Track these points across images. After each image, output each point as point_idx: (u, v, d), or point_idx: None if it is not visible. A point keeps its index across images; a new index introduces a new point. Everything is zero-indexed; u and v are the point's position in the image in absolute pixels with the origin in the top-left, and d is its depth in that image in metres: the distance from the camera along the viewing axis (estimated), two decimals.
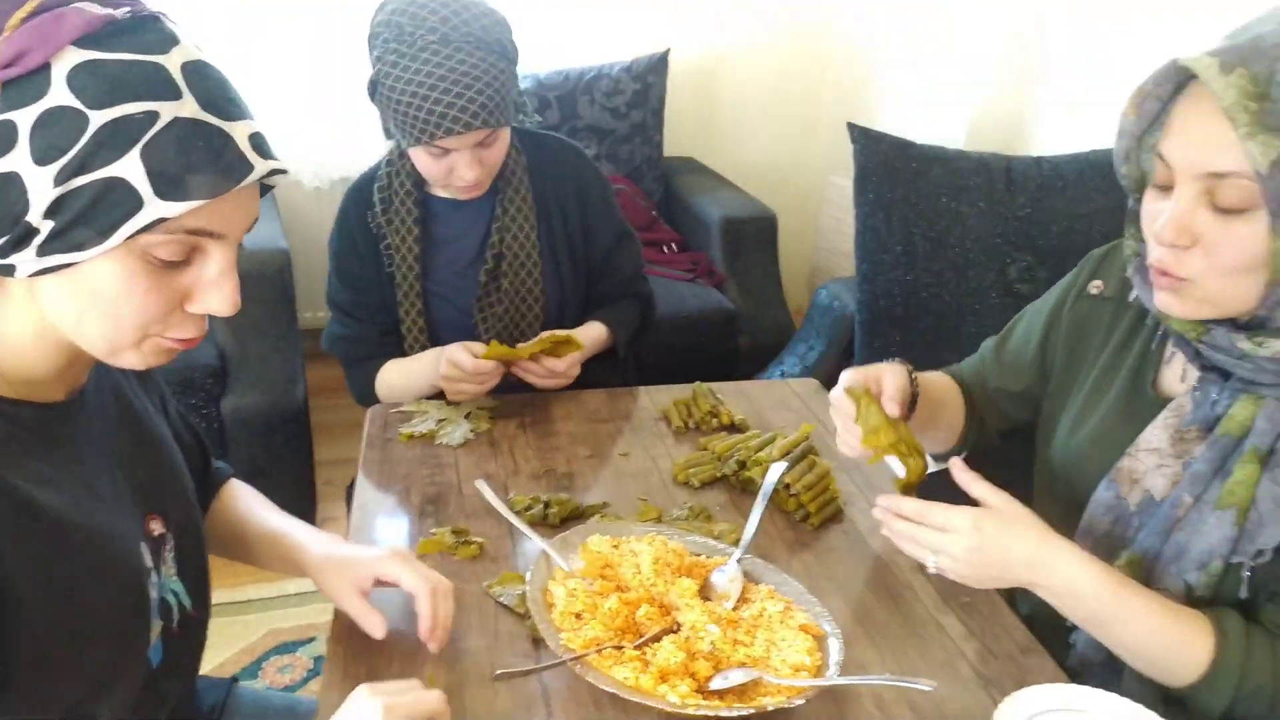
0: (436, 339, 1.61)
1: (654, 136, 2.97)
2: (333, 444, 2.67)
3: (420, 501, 1.28)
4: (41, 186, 0.69)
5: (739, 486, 1.31)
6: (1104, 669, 1.02)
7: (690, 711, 0.86)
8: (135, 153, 0.70)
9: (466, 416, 1.48)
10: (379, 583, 1.02)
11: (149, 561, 0.89)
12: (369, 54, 1.46)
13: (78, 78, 0.69)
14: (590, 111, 2.90)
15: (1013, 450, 1.29)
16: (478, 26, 1.40)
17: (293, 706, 1.20)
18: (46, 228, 0.70)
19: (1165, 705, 0.98)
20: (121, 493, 0.88)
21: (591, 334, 1.60)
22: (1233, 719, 0.94)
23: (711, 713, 0.86)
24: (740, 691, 0.91)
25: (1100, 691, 0.91)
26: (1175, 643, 0.93)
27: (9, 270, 0.72)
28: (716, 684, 0.91)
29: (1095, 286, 1.17)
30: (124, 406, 0.94)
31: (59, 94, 0.68)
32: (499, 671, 0.90)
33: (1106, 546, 1.04)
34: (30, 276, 0.73)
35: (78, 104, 0.69)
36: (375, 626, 0.99)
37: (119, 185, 0.70)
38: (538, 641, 1.01)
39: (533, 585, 1.01)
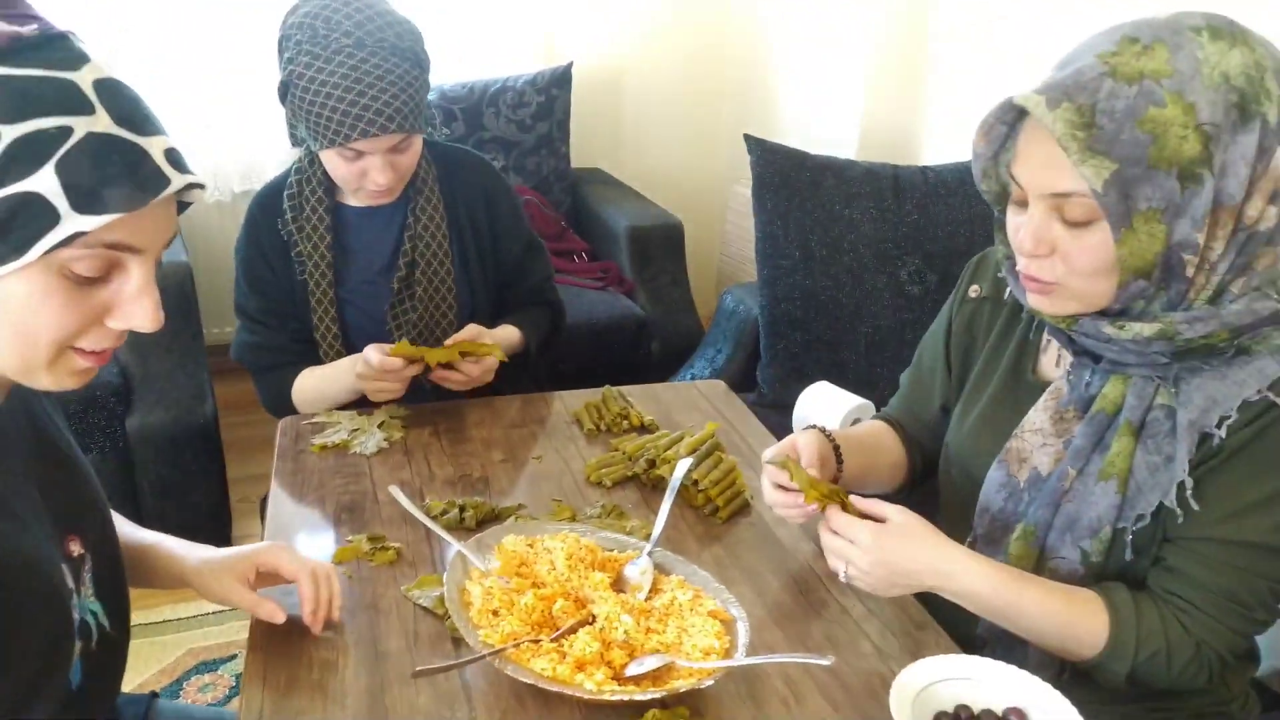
0: (351, 346, 1.61)
1: (560, 148, 3.02)
2: (246, 461, 2.63)
3: (336, 510, 1.29)
4: None
5: (650, 484, 1.36)
6: (1010, 636, 1.10)
7: (606, 697, 0.90)
8: (49, 167, 0.70)
9: (379, 426, 1.50)
10: (260, 577, 1.05)
11: (70, 583, 0.89)
12: (279, 57, 1.48)
13: None
14: (496, 124, 2.93)
15: None
16: (391, 33, 1.43)
17: (217, 717, 1.20)
18: None
19: (1073, 673, 1.07)
20: (41, 515, 0.88)
21: (503, 335, 1.62)
22: (1134, 681, 1.02)
23: (626, 697, 0.90)
24: (655, 676, 0.96)
25: (988, 660, 0.98)
26: (1073, 625, 1.02)
27: None
28: (632, 670, 0.95)
29: (974, 290, 1.27)
30: (38, 427, 0.94)
31: None
32: (418, 668, 0.93)
33: (1002, 521, 1.13)
34: None
35: None
36: (272, 613, 1.03)
37: (34, 200, 0.70)
38: (458, 641, 1.04)
39: (449, 585, 1.04)
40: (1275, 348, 0.98)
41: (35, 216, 0.70)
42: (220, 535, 2.36)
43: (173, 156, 0.77)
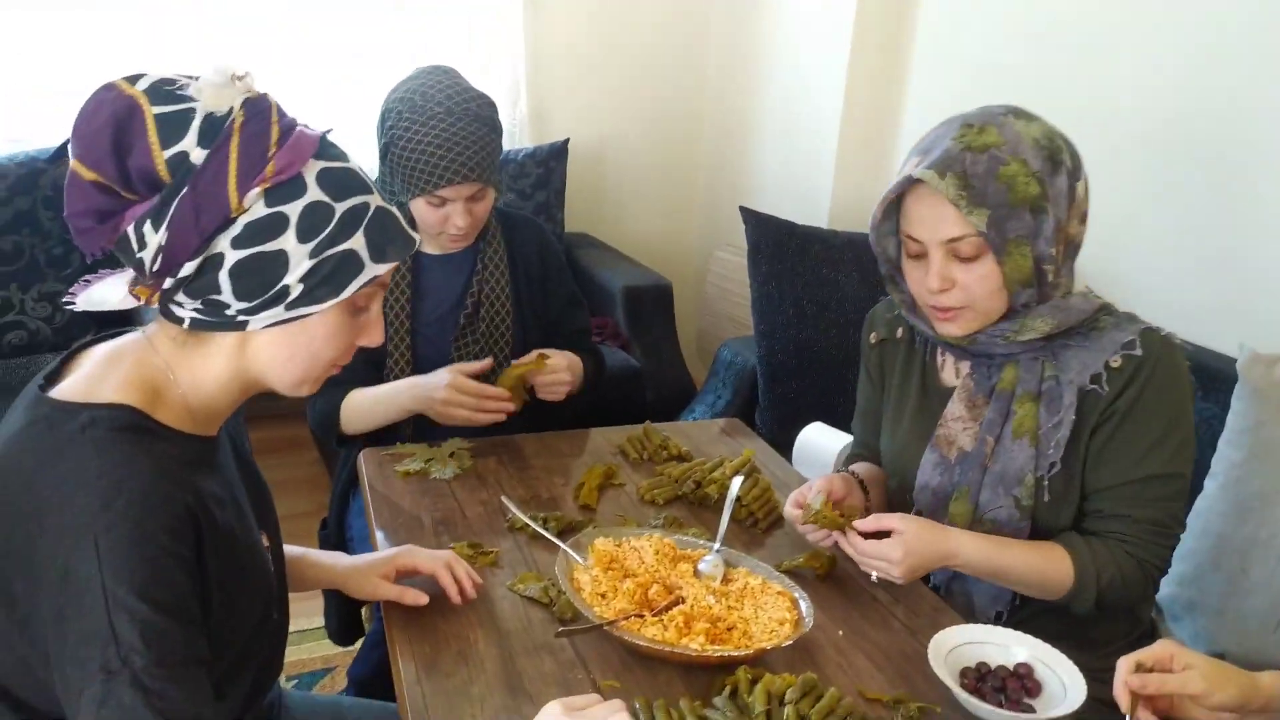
0: (417, 371, 1.84)
1: (557, 215, 3.28)
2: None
3: (432, 523, 1.50)
4: (300, 258, 0.93)
5: (696, 501, 1.59)
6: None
7: (709, 654, 1.13)
8: (361, 230, 0.96)
9: (450, 456, 1.71)
10: (400, 573, 1.28)
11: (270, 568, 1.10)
12: (380, 126, 1.77)
13: (323, 180, 0.94)
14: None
15: None
16: (474, 104, 1.74)
17: (337, 704, 1.38)
18: (298, 289, 0.94)
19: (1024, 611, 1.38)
20: (250, 513, 1.09)
21: (570, 358, 1.84)
22: (1101, 605, 1.32)
23: (725, 653, 1.13)
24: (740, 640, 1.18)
25: (1000, 628, 1.23)
26: (1046, 569, 1.31)
27: (241, 325, 0.95)
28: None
29: (873, 337, 1.59)
30: (238, 446, 1.15)
31: (315, 192, 0.94)
32: (560, 629, 1.14)
33: (942, 493, 1.42)
34: (264, 328, 0.95)
35: (327, 198, 0.94)
36: (417, 597, 1.26)
37: (352, 254, 0.96)
38: (564, 621, 1.25)
39: (562, 576, 1.26)
40: (1115, 323, 1.34)
41: (353, 266, 0.96)
42: None
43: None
